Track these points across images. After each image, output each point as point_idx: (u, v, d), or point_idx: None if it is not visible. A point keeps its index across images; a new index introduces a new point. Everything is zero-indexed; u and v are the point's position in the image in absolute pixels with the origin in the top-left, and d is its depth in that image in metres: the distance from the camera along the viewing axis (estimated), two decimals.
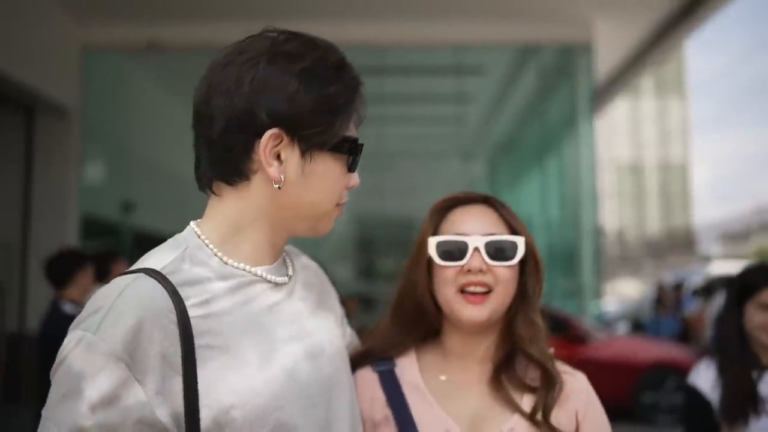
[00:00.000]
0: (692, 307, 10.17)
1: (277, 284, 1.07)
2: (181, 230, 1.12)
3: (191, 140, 1.15)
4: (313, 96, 1.00)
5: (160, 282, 0.94)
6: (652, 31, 10.42)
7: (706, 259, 34.52)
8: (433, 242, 1.29)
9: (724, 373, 2.08)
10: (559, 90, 11.57)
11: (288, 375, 1.00)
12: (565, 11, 9.39)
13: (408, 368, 1.33)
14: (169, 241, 1.06)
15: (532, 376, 1.29)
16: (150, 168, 11.94)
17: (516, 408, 1.24)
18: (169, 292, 0.93)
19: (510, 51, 11.05)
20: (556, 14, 9.57)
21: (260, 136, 0.99)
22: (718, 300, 9.30)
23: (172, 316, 0.92)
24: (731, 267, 13.40)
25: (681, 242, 56.06)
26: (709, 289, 10.08)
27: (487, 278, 1.26)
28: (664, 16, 9.93)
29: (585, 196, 10.88)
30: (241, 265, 1.03)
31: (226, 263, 1.02)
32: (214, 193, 1.08)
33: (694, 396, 2.13)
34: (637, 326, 14.49)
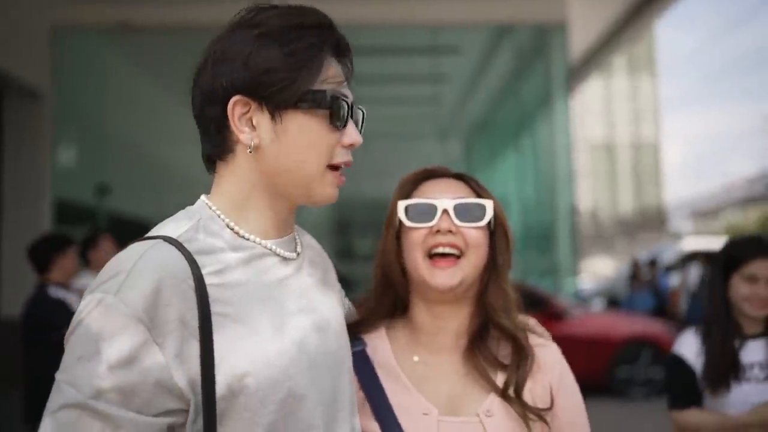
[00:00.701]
0: (671, 283, 10.37)
1: (285, 258, 1.08)
2: (157, 214, 1.14)
3: (165, 121, 1.17)
4: (268, 56, 1.00)
5: (178, 248, 0.95)
6: (624, 10, 10.50)
7: (677, 236, 35.10)
8: (402, 205, 1.28)
9: (708, 341, 2.16)
10: (534, 70, 11.63)
11: (298, 347, 1.01)
12: None
13: (380, 349, 1.30)
14: (182, 212, 1.06)
15: (505, 351, 1.27)
16: (125, 150, 11.79)
17: (491, 385, 1.23)
18: (186, 259, 0.94)
19: (485, 31, 11.05)
20: None
21: (227, 105, 1.00)
22: (693, 273, 9.49)
23: (190, 282, 0.93)
24: (702, 243, 13.67)
25: (653, 220, 56.87)
26: (684, 263, 10.28)
27: (457, 240, 1.24)
28: None
29: (560, 176, 11.00)
30: (252, 237, 1.04)
31: (237, 234, 1.03)
32: (215, 172, 1.09)
33: (679, 364, 2.20)
34: (612, 302, 14.73)
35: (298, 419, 0.98)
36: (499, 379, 1.23)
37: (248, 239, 1.04)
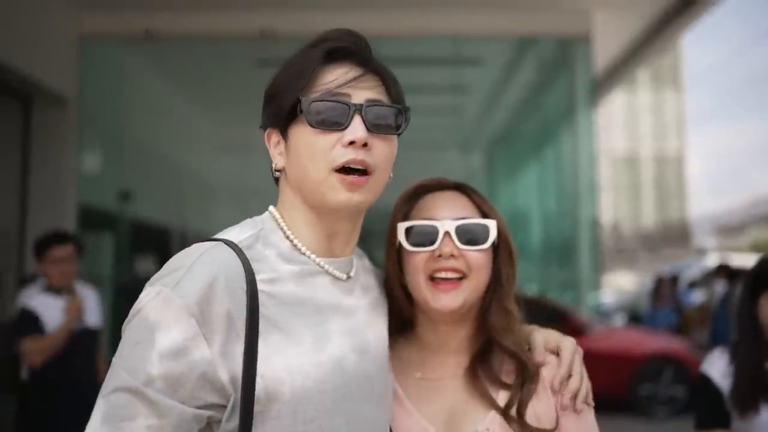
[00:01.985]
0: (694, 300, 10.20)
1: (336, 278, 1.12)
2: (179, 220, 1.18)
3: (188, 129, 1.23)
4: (274, 84, 1.10)
5: (236, 252, 1.01)
6: (650, 23, 10.42)
7: (701, 252, 34.63)
8: (402, 228, 1.26)
9: (737, 362, 2.12)
10: (557, 82, 11.56)
11: (335, 364, 1.04)
12: (564, 3, 9.38)
13: None
14: (248, 220, 1.13)
15: (509, 368, 1.25)
16: (148, 157, 11.91)
17: (492, 404, 1.20)
18: (242, 262, 1.00)
19: (509, 42, 11.02)
20: (555, 6, 9.56)
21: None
22: (718, 290, 9.32)
23: (243, 284, 0.98)
24: (728, 260, 13.44)
25: (676, 235, 56.22)
26: (710, 279, 10.12)
27: (459, 264, 1.21)
28: (662, 8, 9.92)
29: (583, 189, 10.89)
30: (308, 252, 1.10)
31: (295, 247, 1.10)
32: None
33: (706, 384, 2.16)
34: (634, 318, 14.54)
35: None
36: (501, 397, 1.21)
37: (303, 253, 1.09)
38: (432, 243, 1.22)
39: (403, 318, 1.32)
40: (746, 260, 13.55)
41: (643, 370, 8.10)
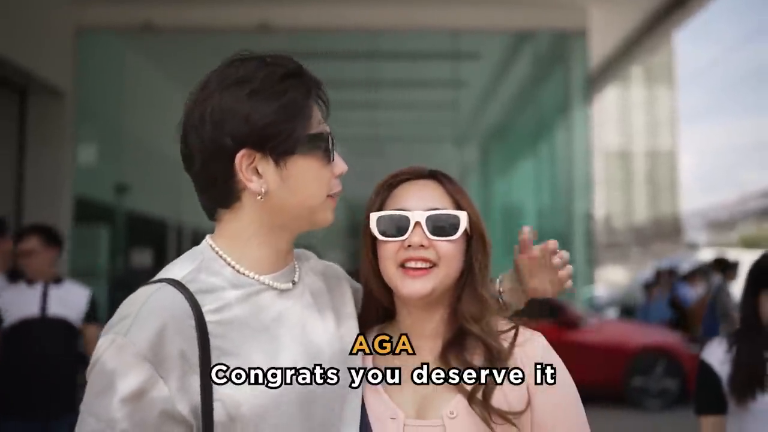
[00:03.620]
0: (686, 294, 10.25)
1: (282, 291, 1.17)
2: (174, 213, 1.21)
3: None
4: (265, 112, 1.10)
5: (180, 290, 1.06)
6: (644, 20, 10.47)
7: (692, 246, 34.81)
8: (374, 218, 1.28)
9: (736, 351, 2.22)
10: (553, 77, 11.61)
11: (289, 374, 1.10)
12: None
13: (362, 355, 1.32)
14: (188, 253, 1.17)
15: (480, 354, 1.26)
16: (144, 150, 11.88)
17: (458, 389, 1.22)
18: (187, 299, 1.05)
19: (505, 37, 11.05)
20: (551, 1, 9.60)
21: (233, 160, 1.10)
22: (716, 283, 9.38)
23: (191, 321, 1.04)
24: (720, 255, 13.51)
25: (668, 230, 56.47)
26: (706, 273, 10.18)
27: (429, 253, 1.24)
28: (656, 5, 9.98)
29: (577, 183, 10.95)
30: (251, 274, 1.14)
31: (238, 271, 1.14)
32: (216, 219, 1.19)
33: (706, 371, 2.27)
34: (627, 312, 14.64)
35: None
36: (469, 382, 1.23)
37: (247, 276, 1.14)
38: (402, 233, 1.25)
39: (384, 307, 1.35)
40: (736, 255, 13.65)
41: (636, 363, 8.18)
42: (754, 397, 2.13)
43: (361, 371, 1.25)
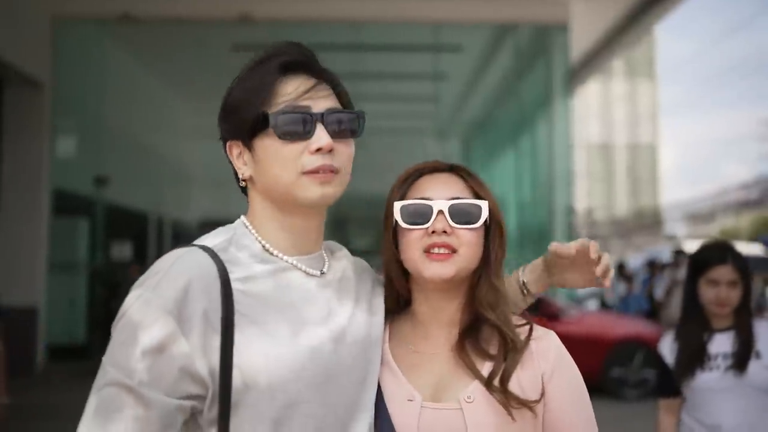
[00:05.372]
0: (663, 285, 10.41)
1: (309, 274, 1.19)
2: (155, 205, 1.22)
3: (164, 113, 1.25)
4: (234, 99, 1.15)
5: (210, 255, 1.09)
6: (625, 13, 10.53)
7: (672, 238, 35.16)
8: (398, 206, 1.31)
9: (680, 336, 2.48)
10: (534, 70, 11.65)
11: (312, 352, 1.11)
12: None
13: None
14: (221, 228, 1.20)
15: (496, 341, 1.29)
16: (124, 142, 11.78)
17: (476, 375, 1.25)
18: (216, 263, 1.08)
19: (487, 30, 11.07)
20: None
21: (230, 151, 1.19)
22: (681, 275, 9.54)
23: (217, 283, 1.06)
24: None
25: (648, 222, 56.98)
26: (675, 262, 10.34)
27: (451, 240, 1.27)
28: None
29: (558, 176, 11.02)
30: (277, 252, 1.17)
31: (265, 248, 1.16)
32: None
33: (658, 360, 2.54)
34: (606, 304, 14.76)
35: (305, 418, 1.07)
36: (486, 368, 1.26)
37: (273, 254, 1.16)
38: (426, 221, 1.28)
39: (402, 297, 1.37)
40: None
41: (615, 354, 8.26)
42: (694, 375, 2.37)
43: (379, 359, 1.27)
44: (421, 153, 14.01)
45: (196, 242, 1.14)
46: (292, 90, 1.14)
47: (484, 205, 1.31)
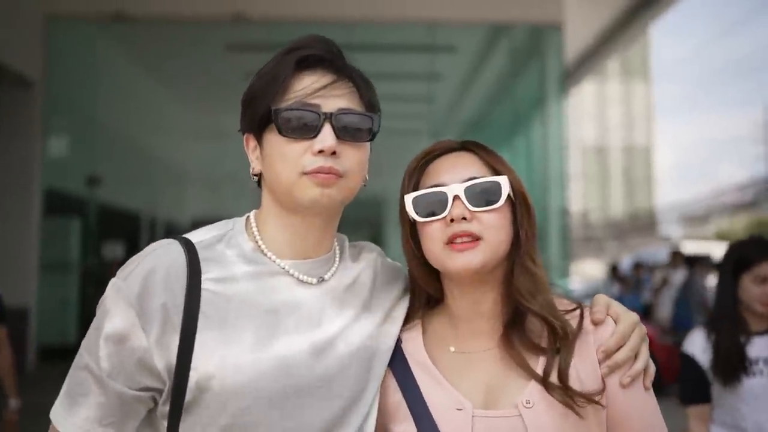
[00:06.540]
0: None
1: (300, 281, 1.13)
2: (147, 205, 1.19)
3: (158, 113, 1.21)
4: (249, 90, 1.13)
5: (186, 251, 1.07)
6: (620, 14, 10.54)
7: (667, 240, 35.23)
8: (409, 200, 1.18)
9: (717, 338, 2.27)
10: (529, 70, 11.64)
11: (280, 362, 1.05)
12: None
13: (412, 342, 1.22)
14: (222, 221, 1.18)
15: (545, 333, 1.15)
16: (116, 141, 11.73)
17: (531, 374, 1.11)
18: (189, 261, 1.06)
19: (482, 30, 11.05)
20: None
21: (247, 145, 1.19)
22: (678, 277, 9.52)
23: (183, 281, 1.04)
24: (692, 247, 13.72)
25: (643, 224, 57.09)
26: (671, 263, 10.34)
27: (473, 227, 1.13)
28: None
29: (553, 177, 11.01)
30: (270, 254, 1.13)
31: (260, 249, 1.13)
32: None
33: (689, 362, 2.34)
34: None
35: (262, 430, 1.03)
36: (540, 365, 1.12)
37: (266, 254, 1.13)
38: (442, 210, 1.15)
39: (430, 294, 1.26)
40: (711, 248, 13.85)
41: None
42: (740, 380, 2.19)
43: (379, 381, 1.16)
44: (415, 153, 13.96)
45: (186, 234, 1.13)
46: (305, 86, 1.09)
47: (503, 180, 1.17)
